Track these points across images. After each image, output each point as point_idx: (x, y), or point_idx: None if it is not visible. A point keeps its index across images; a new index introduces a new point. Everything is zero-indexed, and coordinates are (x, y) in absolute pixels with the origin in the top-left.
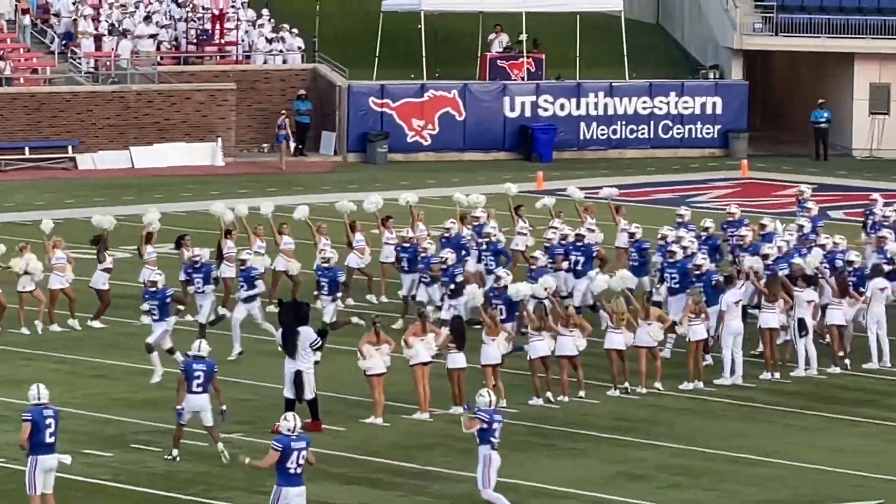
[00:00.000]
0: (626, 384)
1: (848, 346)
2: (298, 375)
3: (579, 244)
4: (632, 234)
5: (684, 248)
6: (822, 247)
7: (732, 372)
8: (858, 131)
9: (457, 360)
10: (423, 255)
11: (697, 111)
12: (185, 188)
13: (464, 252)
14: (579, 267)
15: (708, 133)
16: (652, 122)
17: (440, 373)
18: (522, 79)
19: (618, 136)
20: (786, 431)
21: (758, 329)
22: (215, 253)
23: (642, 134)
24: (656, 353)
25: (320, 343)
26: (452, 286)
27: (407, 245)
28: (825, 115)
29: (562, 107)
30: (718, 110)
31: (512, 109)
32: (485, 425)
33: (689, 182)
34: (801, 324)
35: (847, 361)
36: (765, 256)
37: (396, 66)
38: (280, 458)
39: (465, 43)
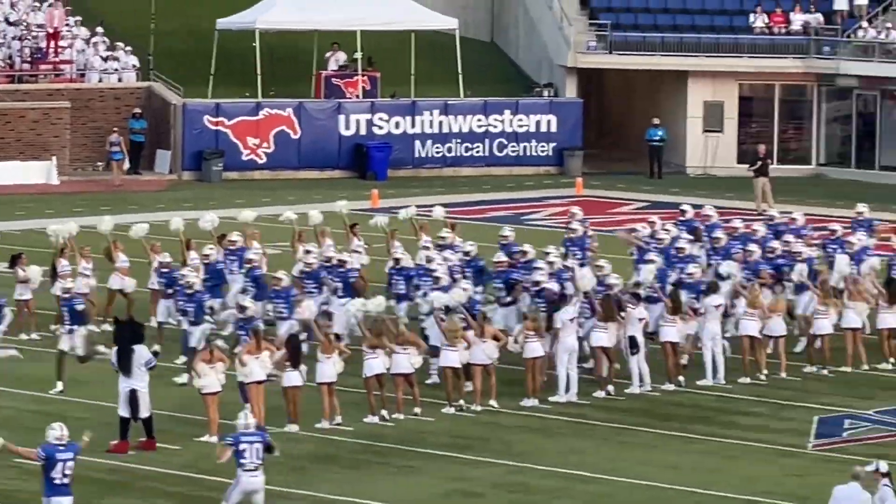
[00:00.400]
0: (462, 401)
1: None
2: (133, 394)
3: (340, 269)
4: (467, 252)
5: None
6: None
7: (568, 389)
8: (692, 149)
9: (292, 378)
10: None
11: (532, 129)
12: (20, 206)
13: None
14: (339, 293)
15: (543, 151)
16: (487, 140)
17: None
18: (357, 97)
19: (453, 154)
20: (620, 448)
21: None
22: (49, 272)
23: (477, 152)
24: (491, 370)
25: (154, 363)
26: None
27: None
28: (660, 133)
29: (397, 125)
30: (553, 128)
31: (347, 128)
32: (233, 449)
33: (525, 200)
34: (633, 341)
35: (681, 378)
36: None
37: (232, 84)
38: (45, 468)
39: (301, 61)
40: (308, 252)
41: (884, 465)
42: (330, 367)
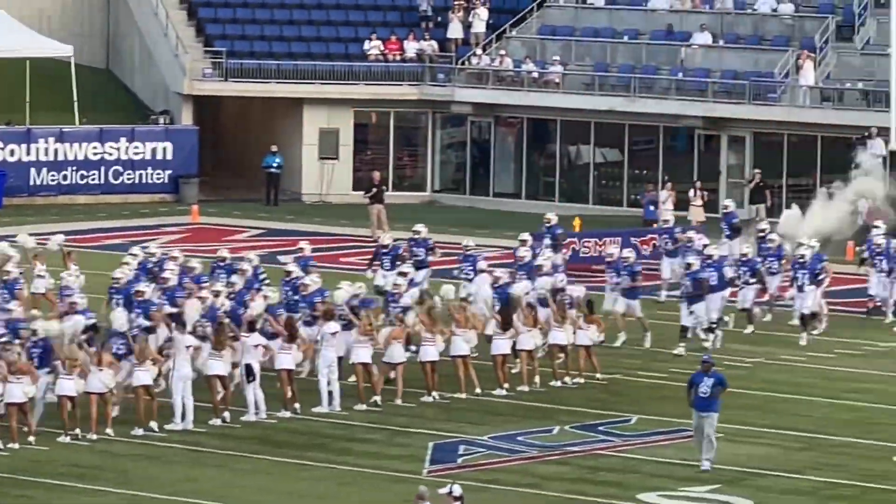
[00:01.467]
0: (77, 430)
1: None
2: None
3: None
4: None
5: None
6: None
7: (184, 417)
8: (308, 176)
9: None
10: None
11: (148, 156)
12: None
13: None
14: None
15: (159, 178)
16: (103, 168)
17: None
18: None
19: (69, 181)
20: (236, 476)
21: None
22: None
23: (93, 179)
24: (108, 398)
25: None
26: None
27: None
28: (276, 160)
29: (12, 152)
30: (169, 156)
31: None
32: None
33: (140, 227)
34: (249, 369)
35: (297, 405)
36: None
37: None
38: None
39: None
40: None
41: (457, 489)
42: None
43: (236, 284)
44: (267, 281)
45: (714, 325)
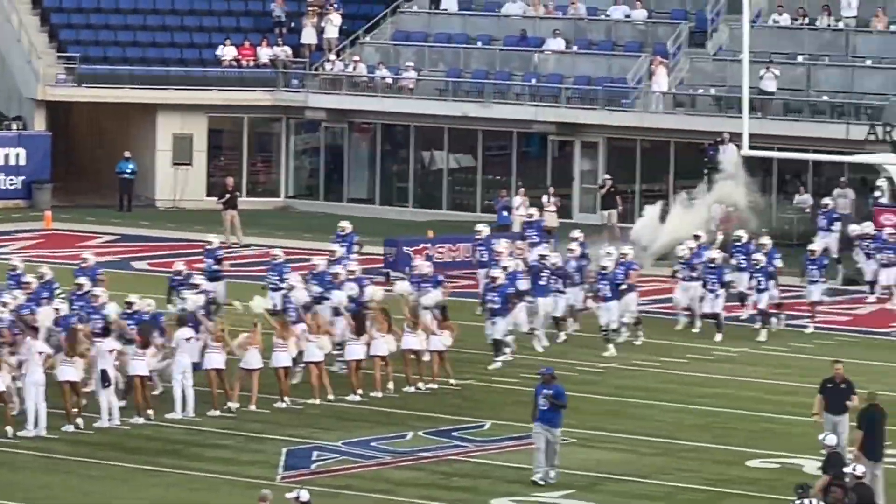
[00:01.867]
0: None
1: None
2: None
3: None
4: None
5: None
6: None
7: (37, 423)
8: (162, 182)
9: None
10: None
11: (1, 162)
12: None
13: None
14: None
15: (12, 184)
16: None
17: None
18: None
19: None
20: (89, 482)
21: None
22: None
23: None
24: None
25: None
26: None
27: None
28: (130, 166)
29: None
30: (22, 161)
31: None
32: None
33: None
34: (104, 375)
35: (151, 412)
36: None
37: None
38: None
39: None
40: None
41: (304, 494)
42: None
43: (17, 298)
44: (61, 294)
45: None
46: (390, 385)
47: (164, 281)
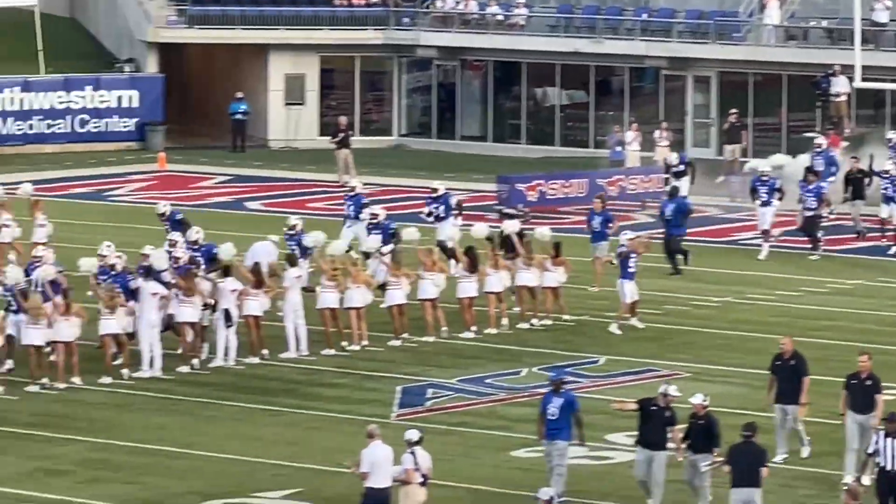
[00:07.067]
0: (45, 379)
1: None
2: None
3: None
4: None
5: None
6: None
7: (152, 364)
8: (274, 122)
9: None
10: None
11: (114, 105)
12: None
13: None
14: None
15: (125, 126)
16: (69, 117)
17: None
18: None
19: (35, 131)
20: (205, 423)
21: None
22: None
23: (59, 129)
24: (73, 348)
25: None
26: None
27: None
28: (242, 106)
29: None
30: (135, 103)
31: None
32: None
33: (107, 176)
34: (227, 314)
35: (265, 351)
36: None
37: None
38: None
39: None
40: None
41: (415, 434)
42: None
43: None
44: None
45: None
46: (504, 321)
47: (275, 220)
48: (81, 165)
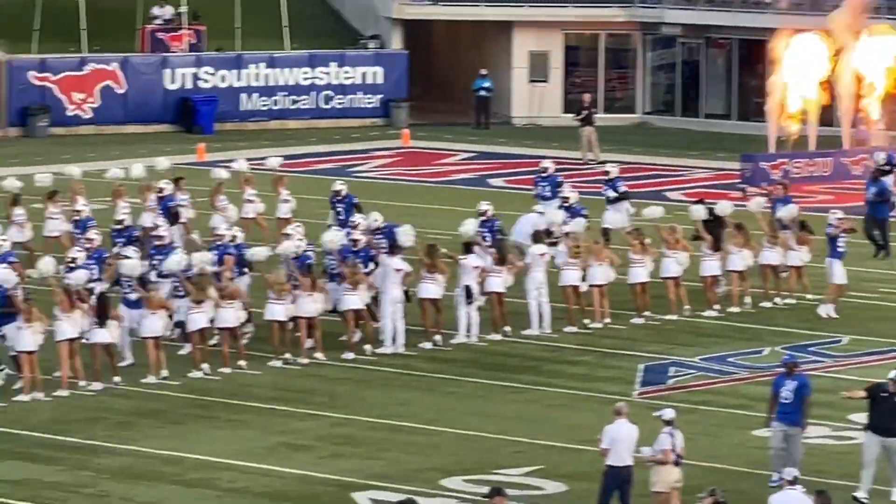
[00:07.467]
0: (288, 354)
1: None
2: None
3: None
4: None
5: None
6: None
7: (394, 340)
8: (518, 99)
9: (98, 335)
10: None
11: (358, 81)
12: None
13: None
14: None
15: (369, 103)
16: (313, 93)
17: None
18: (183, 51)
19: (279, 106)
20: (447, 399)
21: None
22: None
23: (304, 104)
24: (316, 323)
25: None
26: None
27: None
28: (486, 83)
29: (223, 78)
30: (379, 80)
31: (173, 82)
32: None
33: (351, 152)
34: (468, 291)
35: (507, 328)
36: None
37: (56, 39)
38: None
39: (126, 16)
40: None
41: (669, 413)
42: (156, 322)
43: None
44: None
45: None
46: (747, 300)
47: (520, 197)
48: (325, 141)
